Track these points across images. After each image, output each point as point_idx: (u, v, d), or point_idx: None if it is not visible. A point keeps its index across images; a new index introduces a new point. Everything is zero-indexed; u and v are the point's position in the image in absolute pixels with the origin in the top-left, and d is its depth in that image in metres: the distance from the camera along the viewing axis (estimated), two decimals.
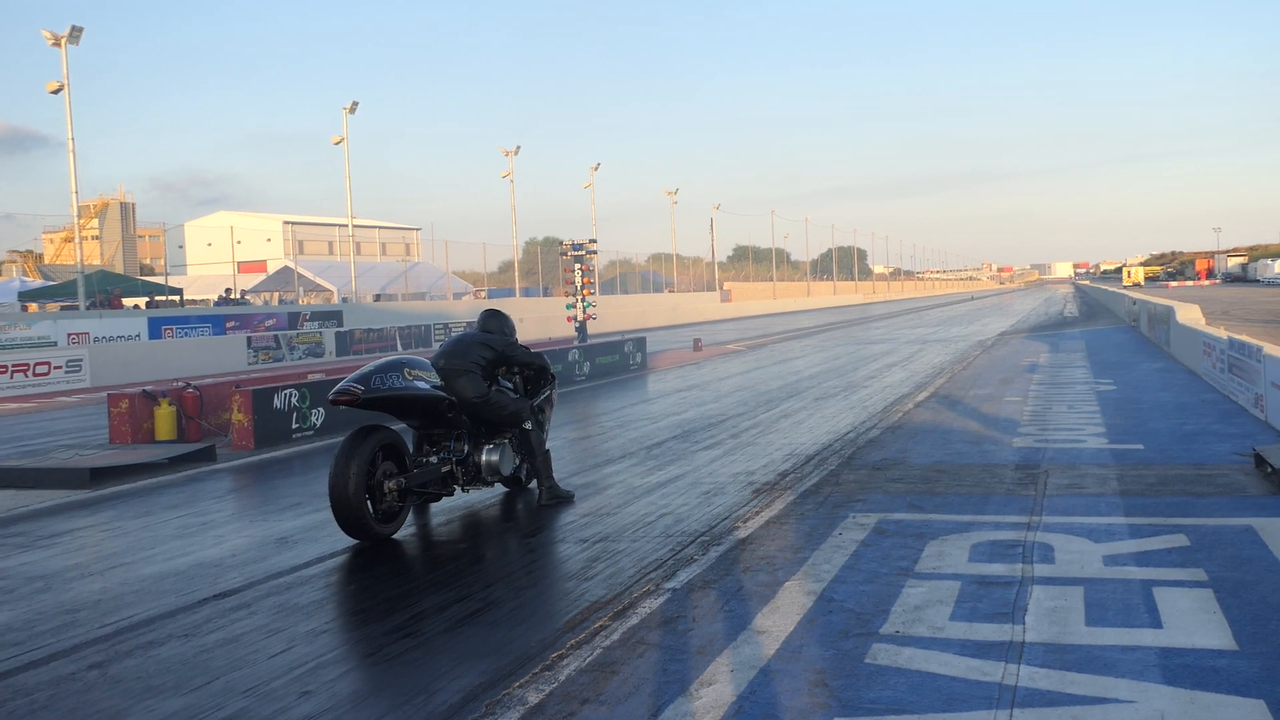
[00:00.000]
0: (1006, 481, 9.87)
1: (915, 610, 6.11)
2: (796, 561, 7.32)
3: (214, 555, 8.50)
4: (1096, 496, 9.04)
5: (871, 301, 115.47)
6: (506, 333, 10.25)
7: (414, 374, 9.08)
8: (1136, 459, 10.77)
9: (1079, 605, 6.09)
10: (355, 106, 49.36)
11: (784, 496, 9.65)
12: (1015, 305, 75.81)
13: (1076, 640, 5.53)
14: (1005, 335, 35.78)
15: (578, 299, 28.04)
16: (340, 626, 6.56)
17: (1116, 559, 7.04)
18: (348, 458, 8.46)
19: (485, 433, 9.94)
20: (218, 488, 11.94)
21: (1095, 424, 13.29)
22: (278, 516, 9.99)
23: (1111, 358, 23.92)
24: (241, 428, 14.54)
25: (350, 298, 54.42)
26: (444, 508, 10.03)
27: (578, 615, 6.47)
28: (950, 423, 14.04)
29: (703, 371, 25.67)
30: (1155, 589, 6.32)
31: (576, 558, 7.98)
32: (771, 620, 6.06)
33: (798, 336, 41.68)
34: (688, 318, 65.84)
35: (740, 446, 13.01)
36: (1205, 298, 58.02)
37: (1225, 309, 45.55)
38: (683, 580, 7.01)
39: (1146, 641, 5.47)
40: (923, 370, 23.21)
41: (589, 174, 70.72)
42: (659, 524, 8.89)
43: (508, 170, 60.08)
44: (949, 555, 7.30)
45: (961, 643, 5.56)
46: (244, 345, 33.05)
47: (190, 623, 6.68)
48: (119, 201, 71.32)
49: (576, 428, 15.71)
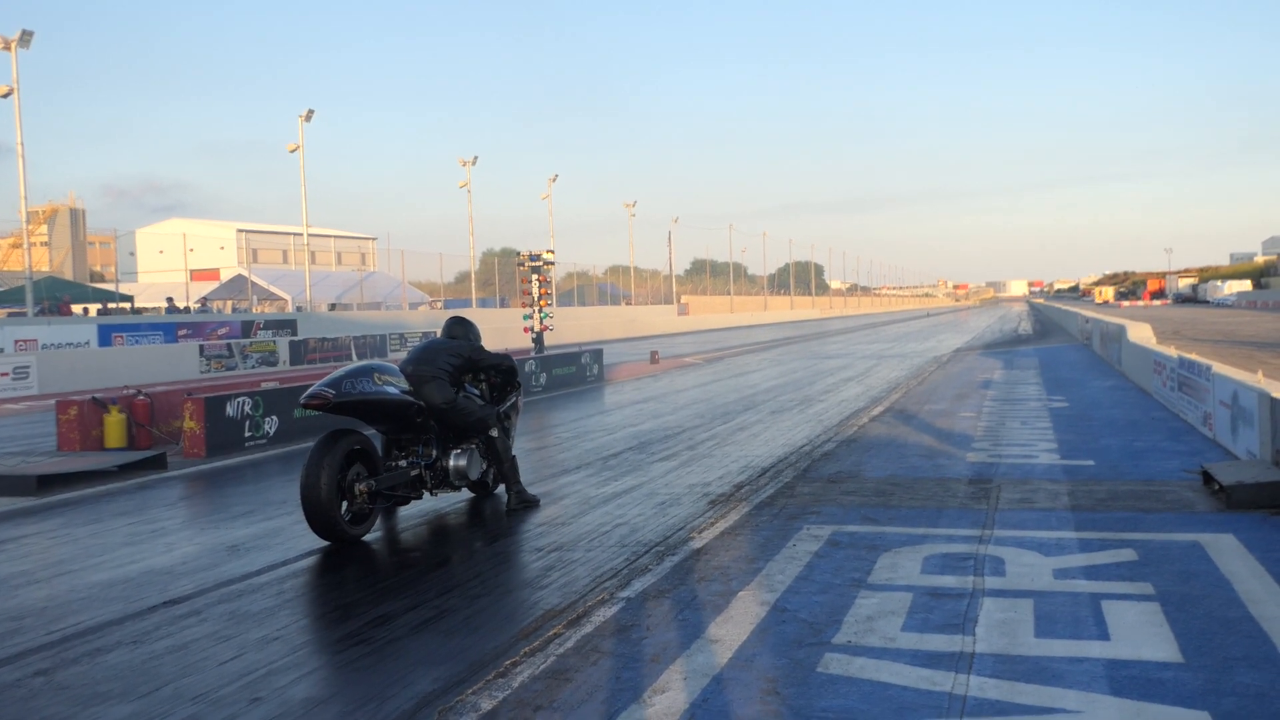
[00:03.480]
0: (960, 495, 9.97)
1: (868, 620, 6.17)
2: (751, 572, 7.37)
3: (164, 562, 8.43)
4: (1048, 511, 9.15)
5: (828, 316, 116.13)
6: (473, 339, 10.36)
7: (384, 379, 9.16)
8: (1087, 475, 10.91)
9: (1029, 617, 6.17)
10: (311, 114, 49.08)
11: (739, 508, 9.70)
12: (970, 322, 76.49)
13: (1026, 651, 5.60)
14: (960, 351, 36.09)
15: (535, 310, 28.02)
16: (292, 633, 6.53)
17: (1066, 572, 7.13)
18: (320, 460, 8.51)
19: (453, 438, 10.04)
20: (168, 495, 11.84)
21: (1048, 440, 13.45)
22: (229, 524, 9.92)
23: (1064, 375, 24.20)
24: (193, 435, 14.42)
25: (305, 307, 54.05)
26: (409, 513, 10.03)
27: (532, 623, 6.48)
28: (905, 437, 14.16)
29: (660, 384, 25.72)
30: (1104, 602, 6.42)
31: (532, 566, 7.99)
32: (725, 629, 6.09)
33: (755, 350, 41.84)
34: (645, 330, 65.95)
35: (696, 458, 13.06)
36: (1157, 317, 58.88)
37: (1176, 328, 46.23)
38: (637, 589, 7.04)
39: (1094, 653, 5.55)
40: (878, 385, 23.37)
41: (547, 185, 70.85)
42: (614, 534, 8.91)
43: (465, 180, 59.99)
44: (902, 567, 7.37)
45: (913, 653, 5.62)
46: (196, 353, 32.76)
47: (139, 629, 6.63)
48: (69, 208, 70.44)
49: (533, 438, 15.70)
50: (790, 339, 53.96)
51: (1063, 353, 33.26)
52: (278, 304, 64.24)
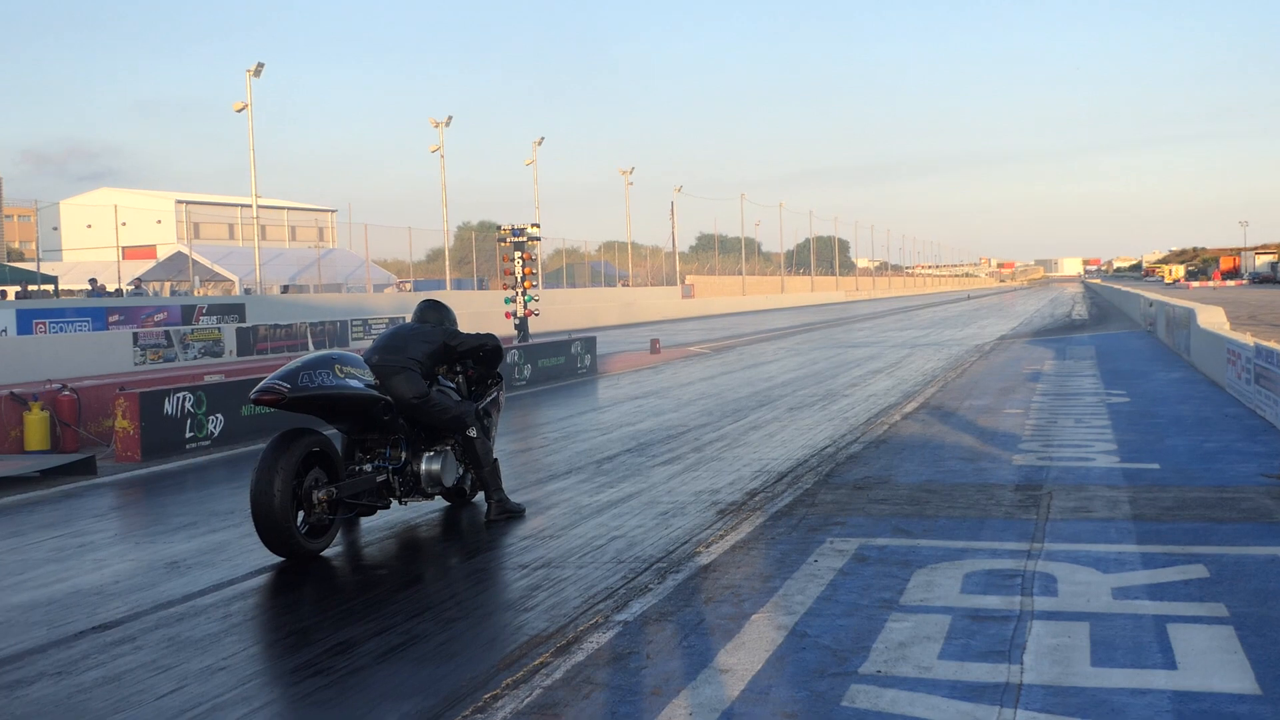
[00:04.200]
0: (1005, 504, 9.98)
1: (900, 647, 6.18)
2: (765, 592, 7.37)
3: (93, 581, 8.43)
4: (1106, 521, 9.16)
5: (854, 300, 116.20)
6: (448, 325, 10.34)
7: (345, 371, 9.13)
8: (1151, 480, 10.92)
9: (1084, 643, 6.17)
10: (260, 69, 49.00)
11: (752, 518, 9.70)
12: (1017, 306, 76.53)
13: (1080, 682, 5.61)
14: (1005, 339, 36.11)
15: (518, 292, 28.01)
16: (240, 662, 6.53)
17: (1127, 591, 7.14)
18: (273, 464, 8.48)
19: (425, 438, 10.02)
20: (98, 505, 11.83)
21: (1105, 440, 13.46)
22: (168, 538, 9.92)
23: (1125, 366, 24.22)
24: (126, 436, 14.42)
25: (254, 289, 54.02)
26: (375, 524, 10.03)
27: (515, 650, 6.49)
28: (942, 437, 14.17)
29: (661, 376, 25.73)
30: (1170, 625, 6.42)
31: (515, 585, 7.99)
32: (736, 658, 6.10)
33: (770, 338, 41.86)
34: (644, 315, 65.94)
35: (703, 462, 13.07)
36: (1230, 299, 58.88)
37: (1252, 313, 46.25)
38: (636, 612, 7.04)
39: (1159, 684, 5.55)
40: (912, 378, 23.39)
41: (531, 149, 70.80)
42: (609, 548, 8.92)
43: (437, 144, 59.92)
44: (939, 586, 7.38)
45: (951, 684, 5.62)
46: (129, 342, 32.72)
47: (65, 659, 6.63)
48: None
49: (516, 439, 15.70)
50: (810, 325, 53.99)
51: (1123, 340, 33.28)
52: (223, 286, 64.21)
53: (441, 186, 62.70)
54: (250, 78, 49.05)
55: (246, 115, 49.48)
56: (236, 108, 49.39)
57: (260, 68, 49.06)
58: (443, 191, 63.70)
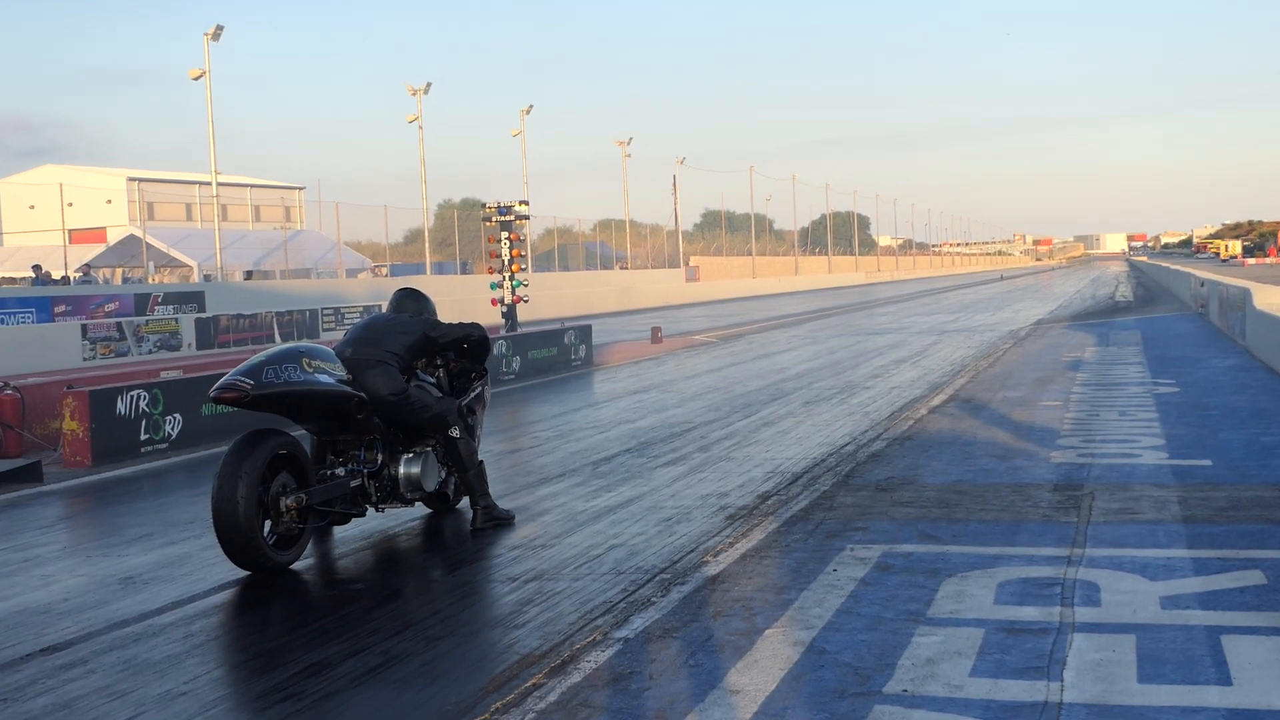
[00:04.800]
0: (1042, 505, 9.99)
1: (928, 664, 6.19)
2: (780, 604, 7.38)
3: (41, 599, 8.44)
4: (1153, 524, 9.17)
5: (875, 281, 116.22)
6: (427, 315, 10.34)
7: (315, 365, 9.11)
8: (1203, 477, 10.93)
9: (1130, 657, 6.18)
10: (219, 32, 48.97)
11: (765, 524, 9.72)
12: (1055, 287, 76.54)
13: (1126, 700, 5.62)
14: (1042, 324, 36.13)
15: (505, 277, 28.04)
16: (203, 687, 6.54)
17: (1177, 600, 7.15)
18: (236, 469, 8.48)
19: (403, 439, 10.00)
20: (45, 515, 11.85)
21: (1153, 434, 13.47)
22: (122, 551, 9.94)
23: (1173, 352, 24.24)
24: (75, 439, 14.42)
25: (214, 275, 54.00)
26: (349, 534, 10.04)
27: (505, 671, 6.50)
28: (973, 432, 14.18)
29: (664, 368, 25.74)
30: (1224, 637, 6.43)
31: (504, 600, 8.01)
32: (748, 677, 6.11)
33: (783, 325, 41.87)
34: (645, 301, 65.96)
35: (710, 462, 13.08)
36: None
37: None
38: (637, 628, 7.06)
39: (1212, 702, 5.56)
40: (939, 367, 23.40)
41: (518, 119, 70.73)
42: (608, 558, 8.93)
43: (415, 114, 59.86)
44: (970, 596, 7.39)
45: (985, 704, 5.64)
46: (78, 335, 32.72)
47: (10, 684, 6.64)
48: None
49: (505, 438, 15.71)
50: (828, 310, 54.01)
51: (1171, 324, 33.31)
52: (180, 272, 64.20)
53: (420, 161, 62.70)
54: (208, 42, 49.00)
55: (204, 83, 49.44)
56: (193, 75, 49.36)
57: (219, 31, 49.01)
58: (421, 166, 63.67)
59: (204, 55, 49.06)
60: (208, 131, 50.14)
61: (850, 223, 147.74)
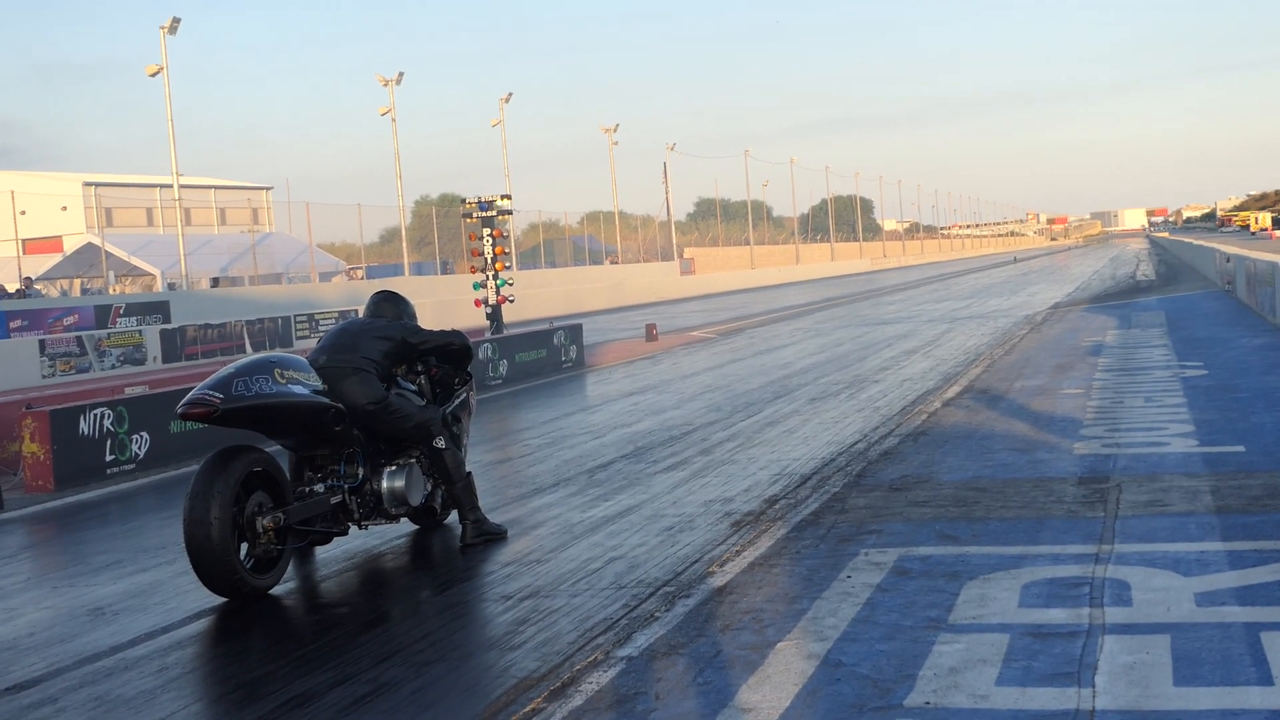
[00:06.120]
0: (1066, 500, 10.00)
1: (951, 674, 6.19)
2: (792, 615, 7.38)
3: (4, 635, 8.44)
4: (1185, 516, 9.17)
5: (881, 268, 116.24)
6: (406, 318, 10.33)
7: (288, 375, 9.08)
8: (1236, 465, 10.94)
9: (1165, 659, 6.19)
10: (176, 25, 48.89)
11: (773, 530, 9.72)
12: (1072, 267, 76.61)
13: (1163, 704, 5.62)
14: (1060, 307, 36.15)
15: (488, 276, 28.01)
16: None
17: (1212, 597, 7.15)
18: (208, 489, 8.44)
19: (385, 451, 9.96)
20: (7, 544, 11.82)
21: (1181, 420, 13.48)
22: (90, 580, 9.92)
23: (1200, 333, 24.26)
24: (36, 462, 14.40)
25: (179, 283, 53.97)
26: (331, 554, 10.02)
27: (501, 696, 6.49)
28: (990, 425, 14.19)
29: (660, 368, 25.74)
30: (1264, 634, 6.43)
31: (498, 620, 8.00)
32: (760, 694, 6.11)
33: (785, 317, 41.89)
34: (637, 297, 65.96)
35: (713, 466, 13.08)
36: None
37: None
38: (641, 645, 7.05)
39: (1254, 703, 5.57)
40: (952, 357, 23.41)
41: (498, 108, 70.72)
42: (607, 572, 8.93)
43: (388, 106, 59.81)
44: (993, 599, 7.39)
45: (1013, 713, 5.64)
46: (35, 351, 32.70)
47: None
48: None
49: (493, 447, 15.70)
50: (832, 300, 54.03)
51: (1196, 302, 33.34)
52: (143, 281, 64.12)
53: (395, 156, 62.60)
54: (165, 35, 48.93)
55: (162, 79, 49.40)
56: (150, 71, 49.29)
57: (176, 23, 48.90)
58: (396, 162, 63.59)
59: (161, 50, 49.00)
60: (167, 131, 50.15)
61: (853, 207, 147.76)
